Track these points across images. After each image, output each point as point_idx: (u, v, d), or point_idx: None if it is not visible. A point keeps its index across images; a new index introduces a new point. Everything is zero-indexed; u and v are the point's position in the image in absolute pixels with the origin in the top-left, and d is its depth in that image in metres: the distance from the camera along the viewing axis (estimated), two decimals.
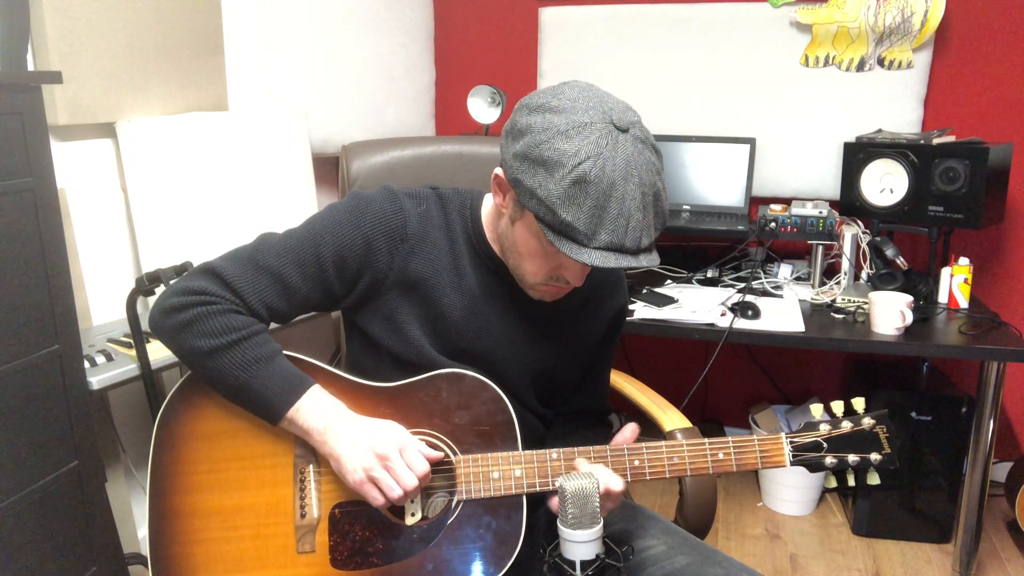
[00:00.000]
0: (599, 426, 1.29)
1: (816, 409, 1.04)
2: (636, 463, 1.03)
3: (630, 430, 1.05)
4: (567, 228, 0.92)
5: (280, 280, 1.06)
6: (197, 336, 1.02)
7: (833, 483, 1.04)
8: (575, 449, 1.04)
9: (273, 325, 1.10)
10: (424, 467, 1.01)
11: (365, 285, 1.10)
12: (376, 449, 1.00)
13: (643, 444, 1.04)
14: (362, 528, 1.05)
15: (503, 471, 1.04)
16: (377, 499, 1.01)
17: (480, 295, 1.12)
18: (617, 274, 1.24)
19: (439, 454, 1.04)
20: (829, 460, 1.02)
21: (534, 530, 1.08)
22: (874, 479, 1.02)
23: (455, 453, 1.05)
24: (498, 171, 1.02)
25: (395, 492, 1.00)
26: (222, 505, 1.05)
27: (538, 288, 1.07)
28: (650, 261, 0.96)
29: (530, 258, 1.03)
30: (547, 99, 0.96)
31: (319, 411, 1.03)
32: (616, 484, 1.00)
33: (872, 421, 1.02)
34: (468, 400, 1.06)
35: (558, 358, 1.18)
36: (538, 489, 1.03)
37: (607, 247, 0.93)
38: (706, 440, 1.03)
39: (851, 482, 1.03)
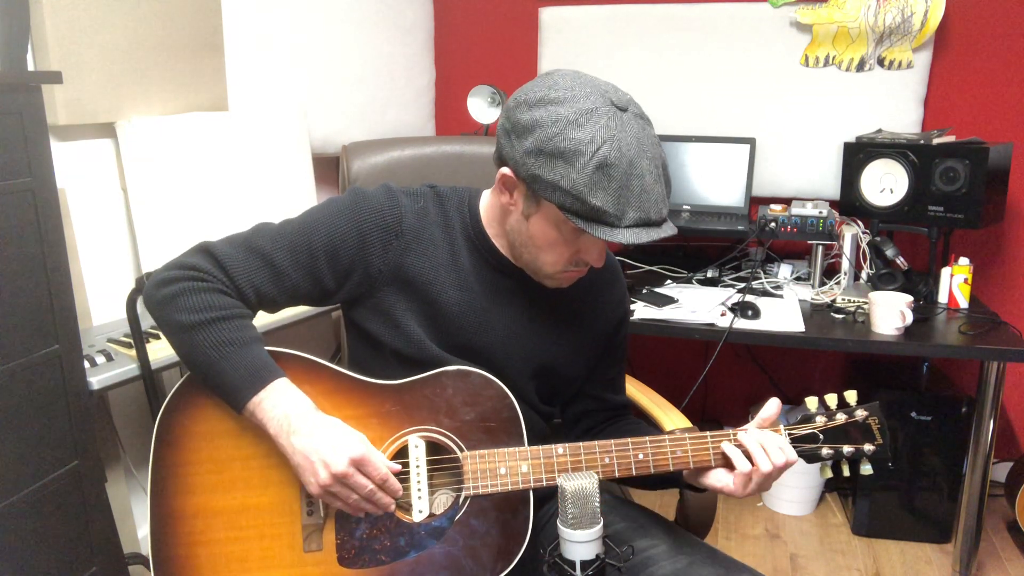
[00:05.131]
0: (637, 419, 1.32)
1: (811, 402, 1.07)
2: (640, 456, 1.04)
3: (775, 405, 1.05)
4: (597, 213, 0.95)
5: (271, 264, 1.07)
6: (180, 310, 1.02)
7: (828, 474, 1.07)
8: (580, 444, 1.05)
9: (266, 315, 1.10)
10: (383, 472, 1.00)
11: (357, 279, 1.10)
12: (332, 467, 0.97)
13: (647, 438, 1.05)
14: (369, 525, 1.04)
15: (510, 467, 1.04)
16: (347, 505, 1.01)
17: (480, 291, 1.13)
18: (611, 263, 1.25)
19: (397, 467, 1.03)
20: (825, 451, 1.04)
21: (535, 529, 1.07)
22: (867, 469, 1.05)
23: (461, 449, 1.05)
24: (505, 171, 1.02)
25: (362, 505, 1.01)
26: (226, 505, 1.05)
27: (557, 277, 1.09)
28: (671, 230, 1.00)
29: (549, 249, 1.04)
30: (543, 92, 0.98)
31: (280, 406, 1.00)
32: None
33: (865, 413, 1.05)
34: (474, 397, 1.06)
35: (559, 352, 1.18)
36: (545, 484, 1.04)
37: (636, 223, 0.96)
38: (708, 433, 1.05)
39: (846, 472, 1.06)
